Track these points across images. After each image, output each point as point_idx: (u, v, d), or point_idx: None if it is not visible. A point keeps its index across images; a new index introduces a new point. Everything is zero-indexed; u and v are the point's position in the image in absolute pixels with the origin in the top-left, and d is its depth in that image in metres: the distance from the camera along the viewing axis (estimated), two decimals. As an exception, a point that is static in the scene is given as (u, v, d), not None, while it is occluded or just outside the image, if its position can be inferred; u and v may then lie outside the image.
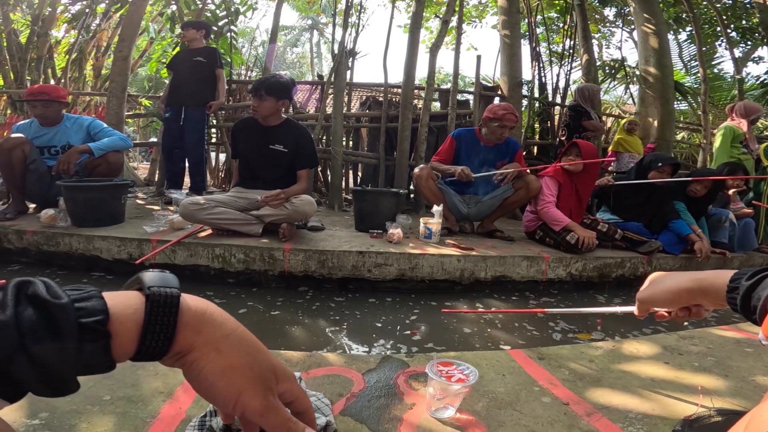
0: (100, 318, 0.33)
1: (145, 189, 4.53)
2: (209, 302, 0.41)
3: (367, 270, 2.41)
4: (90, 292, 0.34)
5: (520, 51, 4.84)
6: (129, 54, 4.27)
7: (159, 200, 3.73)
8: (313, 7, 12.54)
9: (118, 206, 2.72)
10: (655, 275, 0.73)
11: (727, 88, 7.53)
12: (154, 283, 0.37)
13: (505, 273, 2.56)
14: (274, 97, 2.52)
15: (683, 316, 0.70)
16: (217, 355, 0.38)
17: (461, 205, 3.03)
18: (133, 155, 8.66)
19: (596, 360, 1.22)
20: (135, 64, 6.87)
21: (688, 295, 0.65)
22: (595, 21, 8.77)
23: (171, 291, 0.37)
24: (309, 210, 2.47)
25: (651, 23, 5.26)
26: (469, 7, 9.47)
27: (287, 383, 0.43)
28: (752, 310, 0.53)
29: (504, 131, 2.92)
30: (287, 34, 23.67)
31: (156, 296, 0.36)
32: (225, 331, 0.39)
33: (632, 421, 0.92)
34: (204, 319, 0.39)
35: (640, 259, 2.82)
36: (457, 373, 0.89)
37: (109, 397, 0.91)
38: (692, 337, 1.41)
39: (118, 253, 2.43)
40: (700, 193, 3.05)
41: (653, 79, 5.22)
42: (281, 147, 2.60)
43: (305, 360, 1.16)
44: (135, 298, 0.36)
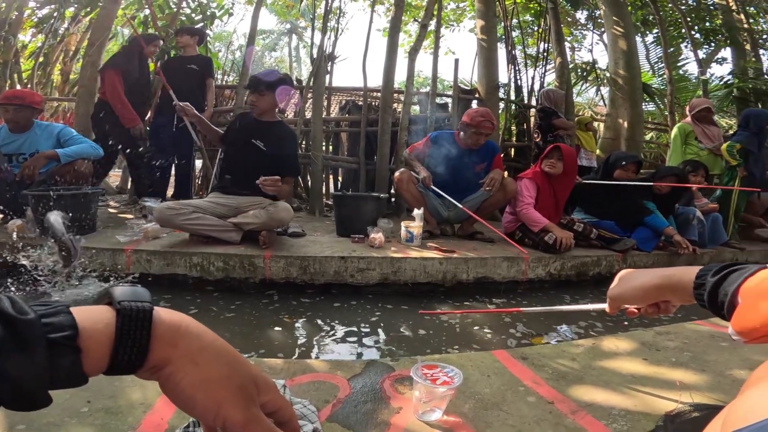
0: (69, 333, 0.32)
1: (118, 197, 4.39)
2: (184, 315, 0.40)
3: (350, 275, 2.40)
4: (57, 308, 0.34)
5: (497, 54, 4.92)
6: (98, 59, 4.16)
7: (132, 208, 3.62)
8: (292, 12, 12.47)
9: (89, 215, 2.63)
10: (624, 272, 0.74)
11: (692, 88, 7.81)
12: (125, 298, 0.37)
13: (486, 274, 2.59)
14: (273, 93, 2.54)
15: (652, 312, 0.71)
16: (194, 367, 0.38)
17: (441, 208, 3.05)
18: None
19: (578, 358, 1.24)
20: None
21: (657, 291, 0.66)
22: (568, 24, 9.01)
23: (143, 305, 0.37)
24: (285, 216, 2.45)
25: (620, 26, 5.44)
26: (447, 11, 9.58)
27: (269, 393, 0.42)
28: (720, 306, 0.54)
29: (480, 138, 2.96)
30: (266, 38, 23.43)
31: (127, 310, 0.36)
32: (202, 343, 0.39)
33: (616, 418, 0.94)
34: (179, 333, 0.38)
35: (615, 257, 2.89)
36: (441, 375, 0.90)
37: (87, 409, 0.88)
38: (668, 333, 1.45)
39: (89, 263, 2.34)
40: (664, 190, 3.16)
41: (622, 81, 5.39)
42: (261, 144, 2.55)
43: (289, 367, 1.15)
44: (105, 312, 0.36)
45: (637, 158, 3.20)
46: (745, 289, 0.50)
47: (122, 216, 3.30)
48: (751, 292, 0.49)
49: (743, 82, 6.52)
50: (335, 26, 4.59)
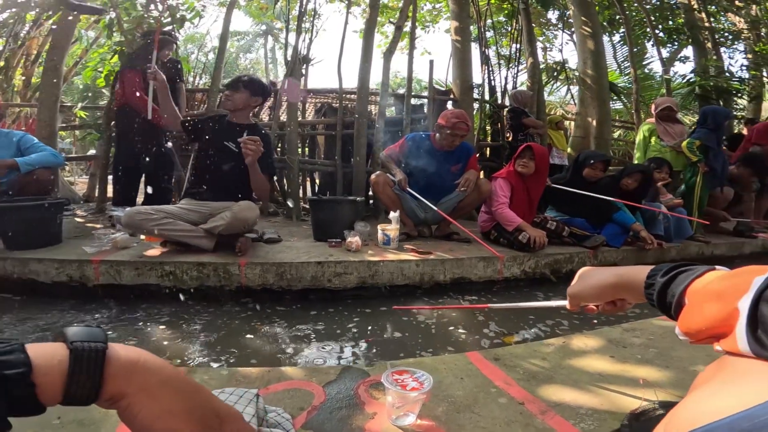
0: (23, 370, 0.36)
1: (85, 206, 4.24)
2: (143, 351, 0.43)
3: (327, 280, 2.39)
4: (13, 346, 0.37)
5: (471, 55, 4.98)
6: (61, 63, 4.01)
7: (100, 218, 3.51)
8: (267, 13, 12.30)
9: (54, 226, 2.54)
10: (584, 270, 0.76)
11: (656, 87, 8.06)
12: (78, 338, 0.40)
13: (463, 274, 2.62)
14: (248, 91, 2.53)
15: (610, 309, 0.74)
16: (152, 401, 0.40)
17: (418, 209, 3.07)
18: (71, 170, 8.12)
19: (548, 357, 1.27)
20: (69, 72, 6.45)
21: (612, 290, 0.69)
22: (540, 25, 9.19)
23: (96, 345, 0.40)
24: (249, 215, 2.35)
25: (587, 26, 5.58)
26: (423, 12, 9.64)
27: (234, 423, 0.44)
28: (668, 306, 0.55)
29: (455, 139, 2.99)
30: (240, 39, 23.02)
31: (79, 350, 0.39)
32: (161, 378, 0.41)
33: (583, 417, 0.97)
34: (136, 369, 0.41)
35: (586, 254, 2.97)
36: (411, 381, 0.91)
37: (58, 421, 0.87)
38: (635, 329, 1.50)
39: (57, 275, 2.26)
40: (632, 186, 3.26)
41: (590, 80, 5.54)
42: (233, 146, 2.49)
43: (264, 375, 1.14)
44: (60, 350, 0.39)
45: (605, 157, 3.31)
46: (692, 291, 0.51)
47: (90, 226, 3.19)
48: (698, 293, 0.50)
49: (705, 80, 6.77)
50: (310, 28, 4.56)
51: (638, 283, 0.62)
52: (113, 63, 4.04)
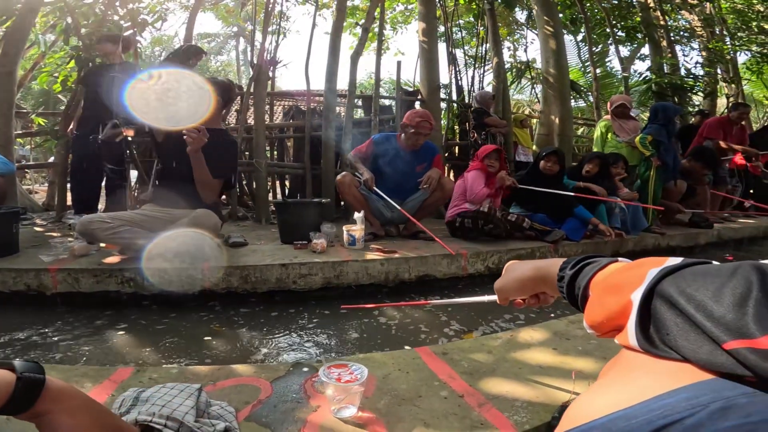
0: None
1: (44, 215, 4.11)
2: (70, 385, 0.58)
3: (292, 281, 2.40)
4: None
5: (437, 56, 5.03)
6: (14, 69, 3.87)
7: (59, 226, 3.41)
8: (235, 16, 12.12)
9: (9, 236, 2.46)
10: (509, 264, 0.75)
11: (617, 84, 8.34)
12: (25, 370, 0.53)
13: (428, 272, 2.67)
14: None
15: (534, 303, 0.73)
16: (70, 418, 0.55)
17: (385, 209, 3.11)
18: (31, 178, 7.82)
19: (494, 351, 1.32)
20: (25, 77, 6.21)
21: (532, 283, 0.67)
22: (508, 25, 9.36)
23: (37, 377, 0.53)
24: (206, 221, 2.28)
25: (550, 25, 5.71)
26: (396, 13, 9.68)
27: None
28: (576, 299, 0.54)
29: (419, 138, 3.05)
30: (211, 41, 22.53)
31: (25, 379, 0.52)
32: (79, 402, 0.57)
33: (518, 410, 1.01)
34: (63, 395, 0.55)
35: (547, 248, 3.07)
36: (347, 374, 0.94)
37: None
38: (579, 321, 1.57)
39: (14, 284, 2.21)
40: (593, 171, 3.48)
41: (553, 79, 5.69)
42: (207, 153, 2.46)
43: (213, 373, 1.16)
44: (8, 376, 0.51)
45: (554, 149, 3.48)
46: (595, 283, 0.50)
47: (49, 234, 3.10)
48: (599, 285, 0.49)
49: (660, 78, 7.04)
50: (277, 30, 4.54)
51: (553, 276, 0.60)
52: (70, 68, 3.93)
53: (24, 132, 4.67)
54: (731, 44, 8.07)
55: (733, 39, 8.13)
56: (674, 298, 0.35)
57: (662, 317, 0.36)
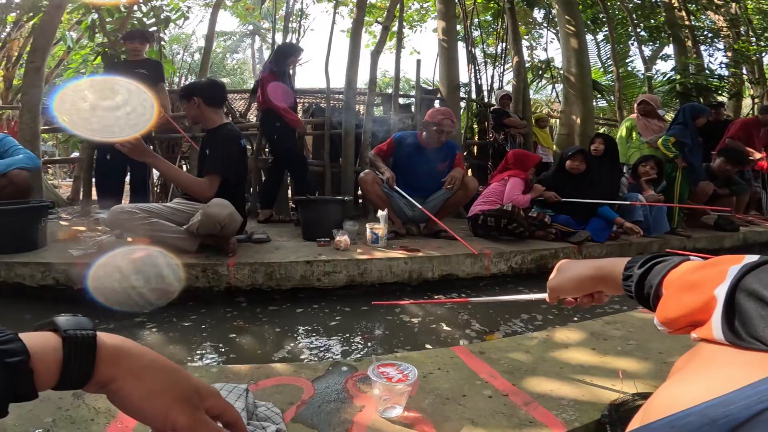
0: (23, 358, 0.38)
1: (69, 209, 4.18)
2: (125, 339, 0.46)
3: (317, 279, 2.40)
4: (8, 335, 0.39)
5: (457, 54, 5.02)
6: (42, 65, 3.95)
7: (85, 220, 3.46)
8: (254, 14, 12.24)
9: (37, 230, 2.50)
10: (562, 263, 0.77)
11: (639, 85, 8.20)
12: (69, 327, 0.42)
13: (451, 271, 2.65)
14: (185, 100, 2.53)
15: (588, 302, 0.74)
16: (138, 383, 0.44)
17: (406, 208, 3.10)
18: (54, 173, 7.98)
19: (532, 350, 1.30)
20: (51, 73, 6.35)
21: (591, 282, 0.69)
22: (527, 24, 9.27)
23: (87, 333, 0.42)
24: (218, 212, 2.25)
25: (571, 24, 5.63)
26: (412, 12, 9.65)
27: (211, 399, 0.48)
28: (646, 297, 0.56)
29: (441, 135, 3.04)
30: (227, 39, 22.77)
31: (72, 338, 0.41)
32: (143, 362, 0.45)
33: (565, 408, 0.99)
34: (121, 354, 0.44)
35: (571, 249, 3.03)
36: (396, 373, 0.93)
37: (51, 419, 0.88)
38: (615, 322, 1.54)
39: (43, 279, 2.24)
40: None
41: (574, 79, 5.61)
42: (207, 151, 2.52)
43: (253, 372, 1.15)
44: (53, 339, 0.41)
45: (580, 149, 3.43)
46: (669, 281, 0.52)
47: (75, 228, 3.15)
48: (675, 283, 0.50)
49: (685, 78, 6.91)
50: (297, 28, 4.56)
51: (616, 275, 0.62)
52: (96, 64, 3.99)
53: (49, 128, 4.75)
54: (757, 45, 7.88)
55: (759, 40, 7.94)
56: (759, 292, 0.37)
57: (747, 311, 0.38)
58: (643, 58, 7.61)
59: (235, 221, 2.36)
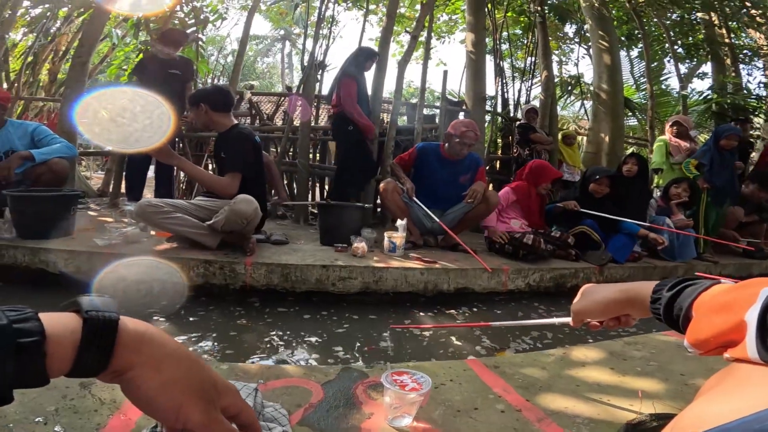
0: (37, 339, 0.35)
1: (98, 200, 4.32)
2: (148, 324, 0.43)
3: (331, 283, 2.40)
4: (27, 314, 0.36)
5: (485, 67, 5.00)
6: (88, 60, 4.12)
7: (113, 211, 3.57)
8: (286, 18, 12.54)
9: (67, 218, 2.58)
10: (587, 288, 0.76)
11: (673, 103, 7.97)
12: (93, 308, 0.39)
13: (467, 285, 2.62)
14: (193, 107, 2.58)
15: (613, 325, 0.74)
16: (156, 373, 0.40)
17: (425, 219, 3.07)
18: (87, 165, 8.28)
19: (548, 367, 1.27)
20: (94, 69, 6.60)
21: (617, 306, 0.69)
22: (557, 38, 9.16)
23: (109, 315, 0.39)
24: (245, 208, 2.31)
25: (605, 40, 5.55)
26: (440, 23, 9.62)
27: (230, 397, 0.44)
28: (675, 320, 0.56)
29: (464, 148, 3.02)
30: (259, 43, 23.39)
31: (93, 320, 0.38)
32: (165, 351, 0.42)
33: (579, 426, 0.96)
34: (143, 340, 0.41)
35: (592, 270, 2.96)
36: (410, 381, 0.91)
37: (54, 408, 0.88)
38: (636, 343, 1.50)
39: (65, 266, 2.29)
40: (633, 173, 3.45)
41: (605, 95, 5.50)
42: (223, 154, 2.58)
43: (263, 372, 1.15)
44: (72, 320, 0.38)
45: (609, 172, 3.37)
46: (699, 304, 0.52)
47: (102, 219, 3.25)
48: (705, 306, 0.51)
49: (722, 98, 6.69)
50: (327, 34, 4.62)
51: (644, 298, 0.63)
52: (137, 61, 4.13)
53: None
54: (799, 66, 7.59)
55: (801, 61, 7.65)
56: None
57: None
58: (679, 75, 7.40)
59: (258, 217, 2.44)
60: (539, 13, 5.76)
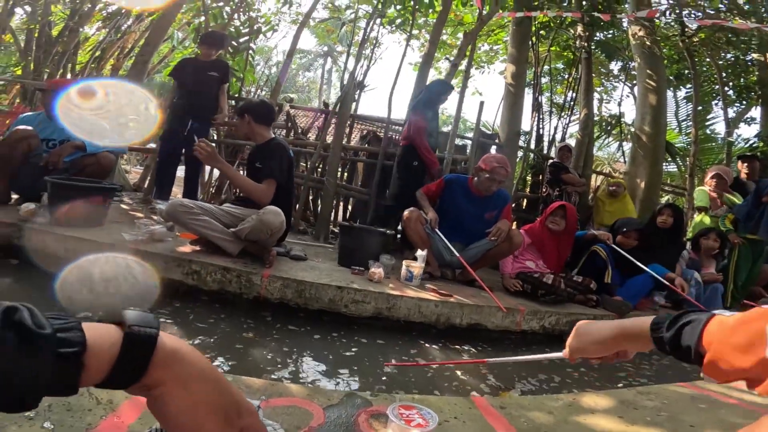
0: (78, 350, 0.36)
1: (133, 194, 4.48)
2: (183, 342, 0.44)
3: (344, 305, 2.40)
4: (71, 323, 0.37)
5: (523, 101, 4.94)
6: (150, 59, 4.34)
7: (144, 207, 3.69)
8: (332, 36, 12.94)
9: (101, 210, 2.68)
10: (581, 325, 0.79)
11: (716, 150, 7.60)
12: (136, 322, 0.40)
13: (480, 321, 2.57)
14: (238, 116, 2.71)
15: (612, 359, 0.76)
16: (183, 392, 0.42)
17: (445, 251, 3.02)
18: (128, 158, 8.65)
19: (555, 411, 1.23)
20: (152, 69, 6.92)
21: (614, 342, 0.72)
22: (600, 75, 8.96)
23: (150, 331, 0.40)
24: (272, 219, 2.39)
25: (652, 79, 5.31)
26: (480, 53, 9.61)
27: (249, 418, 0.47)
28: (684, 352, 0.59)
29: (494, 184, 2.99)
30: (302, 57, 24.11)
31: (135, 335, 0.39)
32: (195, 370, 0.43)
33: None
34: (176, 358, 0.42)
35: (610, 317, 2.88)
36: (417, 417, 0.90)
37: (47, 404, 0.87)
38: (649, 393, 1.45)
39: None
40: (667, 224, 3.38)
41: (646, 138, 5.24)
42: (258, 164, 2.65)
43: (267, 388, 1.15)
44: (114, 333, 0.39)
45: (638, 226, 3.30)
46: (709, 342, 0.55)
47: (132, 213, 3.37)
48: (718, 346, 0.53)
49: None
50: (369, 55, 4.69)
51: (643, 334, 0.66)
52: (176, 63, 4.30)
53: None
54: None
55: None
56: None
57: None
58: (726, 120, 7.06)
59: (282, 230, 2.52)
60: (585, 48, 5.67)
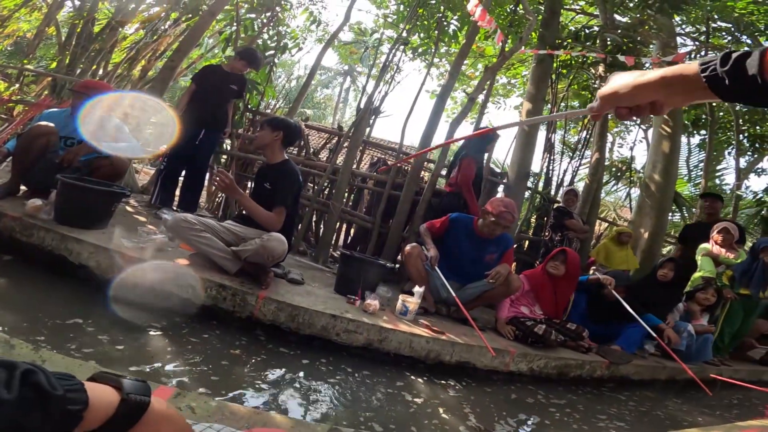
0: (81, 407, 0.44)
1: (139, 197, 4.47)
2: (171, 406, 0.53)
3: (336, 333, 2.39)
4: (77, 385, 0.45)
5: (535, 141, 4.86)
6: (179, 64, 4.41)
7: (149, 212, 3.68)
8: (354, 57, 13.17)
9: (106, 213, 2.68)
10: (616, 74, 0.73)
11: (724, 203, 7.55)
12: (132, 391, 0.49)
13: (469, 360, 2.58)
14: (269, 128, 2.66)
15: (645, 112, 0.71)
16: None
17: (442, 289, 3.01)
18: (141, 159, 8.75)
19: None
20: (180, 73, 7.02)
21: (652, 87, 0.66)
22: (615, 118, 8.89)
23: (143, 399, 0.49)
24: (276, 246, 2.40)
25: (668, 125, 5.25)
26: (497, 86, 9.49)
27: None
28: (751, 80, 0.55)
29: (497, 229, 3.00)
30: (322, 74, 24.46)
31: (130, 402, 0.48)
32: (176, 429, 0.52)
33: None
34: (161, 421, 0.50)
35: (599, 363, 2.93)
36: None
37: None
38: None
39: (86, 259, 2.34)
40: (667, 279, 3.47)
41: (655, 188, 5.16)
42: (268, 185, 2.66)
43: (251, 416, 1.14)
44: (112, 396, 0.48)
45: (626, 282, 3.41)
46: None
47: (137, 217, 3.35)
48: None
49: (775, 202, 6.27)
50: (389, 80, 4.70)
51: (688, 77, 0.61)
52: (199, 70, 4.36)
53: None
54: None
55: None
56: None
57: None
58: (737, 171, 6.99)
59: (284, 257, 2.57)
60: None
